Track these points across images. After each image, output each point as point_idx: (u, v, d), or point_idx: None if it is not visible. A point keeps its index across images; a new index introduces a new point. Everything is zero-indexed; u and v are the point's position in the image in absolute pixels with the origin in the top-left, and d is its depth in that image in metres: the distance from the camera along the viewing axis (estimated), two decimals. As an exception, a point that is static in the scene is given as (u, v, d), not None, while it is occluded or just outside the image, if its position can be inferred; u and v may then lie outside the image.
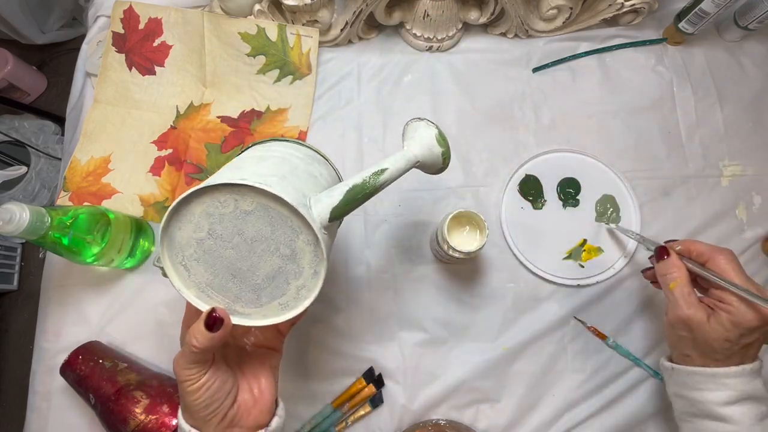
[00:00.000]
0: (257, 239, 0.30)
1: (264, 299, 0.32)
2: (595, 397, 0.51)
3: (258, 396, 0.35)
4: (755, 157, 0.59)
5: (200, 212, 0.29)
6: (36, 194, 1.24)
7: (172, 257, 0.31)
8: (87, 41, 0.65)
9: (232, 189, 0.28)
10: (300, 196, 0.30)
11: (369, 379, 0.51)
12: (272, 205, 0.29)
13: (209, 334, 0.30)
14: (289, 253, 0.30)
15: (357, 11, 0.56)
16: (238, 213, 0.29)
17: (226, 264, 0.31)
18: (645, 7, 0.59)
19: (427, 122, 0.36)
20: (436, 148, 0.35)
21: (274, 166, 0.33)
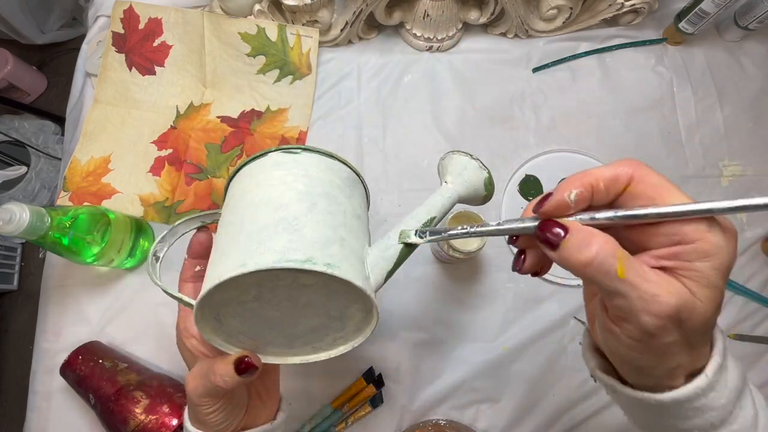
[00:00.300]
0: (308, 305, 0.28)
1: (297, 344, 0.31)
2: (595, 397, 0.51)
3: (266, 399, 0.35)
4: (755, 157, 0.59)
5: (251, 283, 0.26)
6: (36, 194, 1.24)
7: (205, 313, 0.27)
8: (87, 41, 0.65)
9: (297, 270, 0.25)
10: (361, 266, 0.27)
11: (369, 379, 0.51)
12: (334, 282, 0.26)
13: (238, 377, 0.28)
14: (337, 315, 0.29)
15: (357, 11, 0.56)
16: (295, 285, 0.26)
17: (266, 320, 0.29)
18: (645, 7, 0.59)
19: (479, 164, 0.33)
20: (482, 191, 0.34)
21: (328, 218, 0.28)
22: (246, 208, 0.29)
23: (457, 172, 0.34)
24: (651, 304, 0.19)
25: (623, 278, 0.19)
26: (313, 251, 0.25)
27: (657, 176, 0.21)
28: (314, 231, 0.27)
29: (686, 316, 0.19)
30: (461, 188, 0.33)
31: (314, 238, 0.26)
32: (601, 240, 0.19)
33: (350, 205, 0.31)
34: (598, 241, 0.19)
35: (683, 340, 0.20)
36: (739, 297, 0.54)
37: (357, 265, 0.27)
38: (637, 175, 0.20)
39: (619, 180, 0.20)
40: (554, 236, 0.20)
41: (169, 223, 0.57)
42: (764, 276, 0.55)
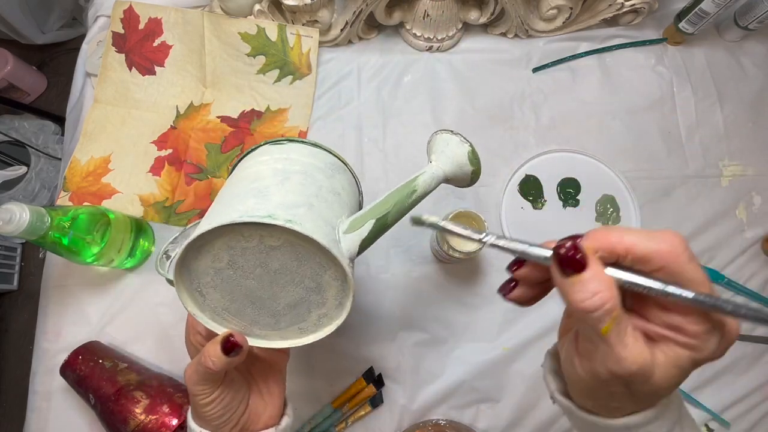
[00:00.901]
0: (281, 272, 0.28)
1: (283, 324, 0.31)
2: (595, 397, 0.51)
3: (268, 399, 0.35)
4: (755, 157, 0.59)
5: (220, 244, 0.27)
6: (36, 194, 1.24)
7: (187, 284, 0.29)
8: (87, 41, 0.65)
9: (258, 225, 0.26)
10: (329, 229, 0.28)
11: (369, 379, 0.51)
12: (301, 242, 0.27)
13: (225, 358, 0.29)
14: (314, 286, 0.29)
15: (357, 11, 0.56)
16: (263, 248, 0.27)
17: (245, 292, 0.29)
18: (645, 7, 0.59)
19: (460, 138, 0.33)
20: (468, 166, 0.34)
21: (299, 188, 0.30)
22: (228, 187, 0.32)
23: (440, 150, 0.34)
24: (611, 362, 0.20)
25: (604, 335, 0.20)
26: (275, 210, 0.26)
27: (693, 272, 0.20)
28: (282, 197, 0.29)
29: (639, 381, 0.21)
30: (445, 165, 0.33)
31: (280, 201, 0.28)
32: (607, 296, 0.19)
33: (329, 183, 0.32)
34: (604, 296, 0.19)
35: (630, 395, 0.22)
36: (739, 297, 0.54)
37: (324, 228, 0.27)
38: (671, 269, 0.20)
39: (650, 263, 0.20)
40: (571, 265, 0.20)
41: (169, 224, 0.57)
42: (764, 276, 0.55)
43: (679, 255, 0.19)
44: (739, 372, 0.53)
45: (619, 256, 0.20)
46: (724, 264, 0.55)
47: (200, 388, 0.30)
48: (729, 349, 0.21)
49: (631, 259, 0.20)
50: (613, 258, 0.21)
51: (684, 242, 0.20)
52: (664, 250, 0.20)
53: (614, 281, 0.20)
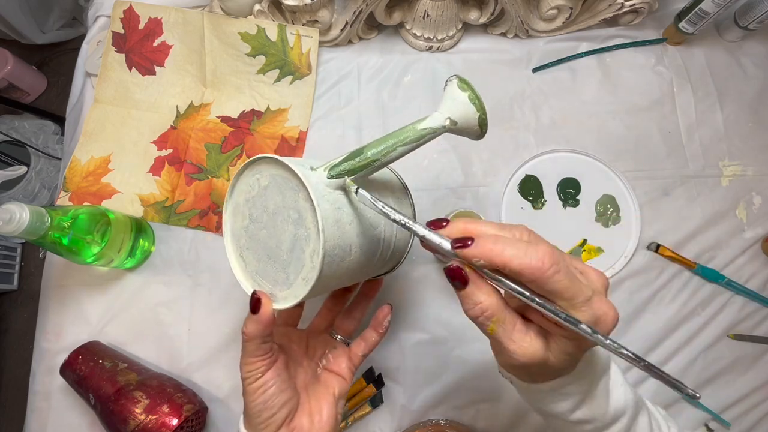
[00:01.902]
0: (276, 211, 0.31)
1: (291, 276, 0.32)
2: (595, 397, 0.51)
3: (317, 423, 0.34)
4: (755, 157, 0.59)
5: (243, 201, 0.33)
6: (36, 194, 1.24)
7: (235, 250, 0.34)
8: (87, 41, 0.65)
9: (252, 168, 0.32)
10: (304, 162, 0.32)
11: (369, 379, 0.51)
12: (278, 172, 0.31)
13: (254, 316, 0.31)
14: (297, 216, 0.30)
15: (357, 11, 0.56)
16: (260, 191, 0.32)
17: (263, 245, 0.32)
18: (645, 7, 0.59)
19: (459, 81, 0.33)
20: (470, 107, 0.33)
21: None
22: None
23: (443, 97, 0.34)
24: (506, 356, 0.26)
25: (491, 334, 0.25)
26: None
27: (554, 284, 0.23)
28: None
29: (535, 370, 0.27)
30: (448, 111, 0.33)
31: None
32: (485, 305, 0.25)
33: None
34: (483, 306, 0.25)
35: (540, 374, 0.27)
36: (739, 297, 0.54)
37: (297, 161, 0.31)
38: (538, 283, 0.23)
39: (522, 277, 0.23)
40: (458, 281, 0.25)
41: (169, 224, 0.57)
42: (764, 276, 0.55)
43: (545, 271, 0.23)
44: (739, 372, 0.53)
45: (498, 267, 0.24)
46: (724, 264, 0.55)
47: (248, 368, 0.31)
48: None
49: (508, 272, 0.23)
50: (493, 267, 0.24)
51: (552, 257, 0.23)
52: (533, 266, 0.23)
53: (494, 291, 0.25)
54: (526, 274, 0.23)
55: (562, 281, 0.23)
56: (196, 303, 0.54)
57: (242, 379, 0.32)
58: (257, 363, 0.31)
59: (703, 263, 0.55)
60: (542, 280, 0.23)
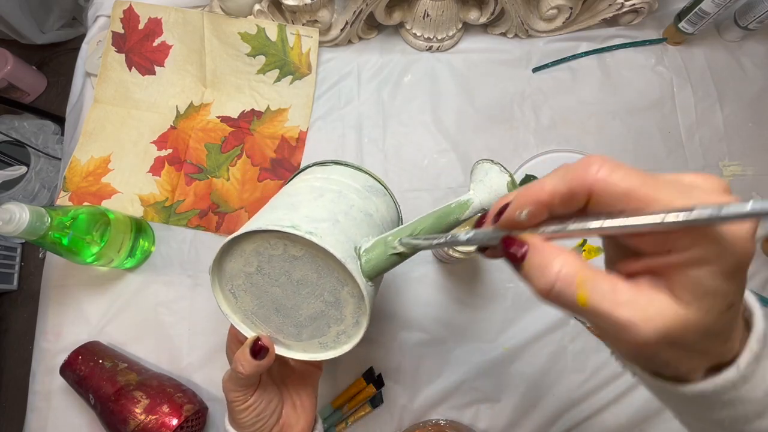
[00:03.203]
0: (303, 282, 0.30)
1: (305, 336, 0.32)
2: (595, 397, 0.51)
3: (301, 412, 0.36)
4: (755, 157, 0.59)
5: (251, 250, 0.30)
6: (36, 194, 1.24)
7: (222, 285, 0.32)
8: (87, 41, 0.65)
9: (283, 234, 0.28)
10: (350, 246, 0.29)
11: (369, 379, 0.51)
12: (320, 255, 0.28)
13: (254, 361, 0.30)
14: (333, 300, 0.30)
15: (357, 11, 0.56)
16: (287, 257, 0.29)
17: (272, 299, 0.31)
18: (645, 7, 0.59)
19: (500, 168, 0.33)
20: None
21: (329, 205, 0.32)
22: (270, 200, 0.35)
23: (479, 179, 0.34)
24: (626, 333, 0.16)
25: (585, 306, 0.16)
26: (300, 221, 0.28)
27: (624, 182, 0.16)
28: (309, 210, 0.30)
29: (678, 336, 0.16)
30: (482, 194, 0.33)
31: (306, 214, 0.30)
32: (560, 263, 0.16)
33: (362, 203, 0.33)
34: (557, 264, 0.16)
35: (685, 353, 0.18)
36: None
37: (345, 244, 0.29)
38: (598, 188, 0.16)
39: (575, 198, 0.17)
40: (514, 256, 0.18)
41: (169, 224, 0.57)
42: (764, 276, 0.55)
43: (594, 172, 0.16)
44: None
45: (549, 204, 0.17)
46: (724, 264, 0.55)
47: (235, 394, 0.32)
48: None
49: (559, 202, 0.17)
50: (544, 210, 0.18)
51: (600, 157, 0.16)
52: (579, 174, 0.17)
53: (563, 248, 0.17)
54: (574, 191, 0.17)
55: (628, 177, 0.16)
56: (196, 303, 0.54)
57: (229, 401, 0.33)
58: (246, 389, 0.32)
59: (703, 263, 0.55)
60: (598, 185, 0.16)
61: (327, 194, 0.33)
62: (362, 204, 0.34)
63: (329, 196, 0.33)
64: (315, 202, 0.32)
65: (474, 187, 0.34)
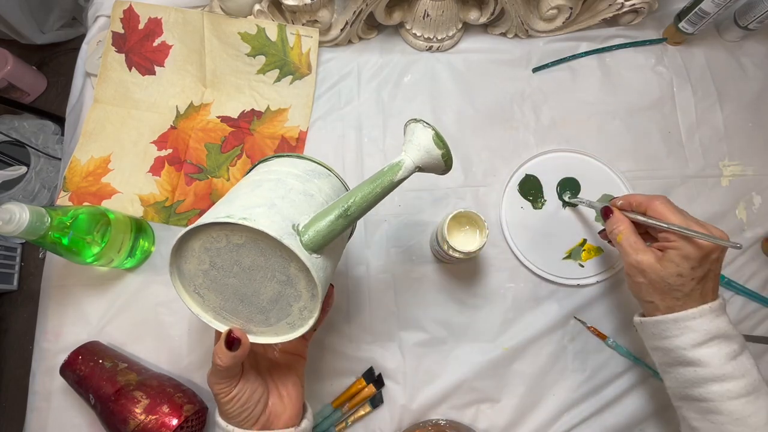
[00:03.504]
0: (254, 268, 0.31)
1: (272, 320, 0.33)
2: (595, 397, 0.51)
3: (287, 401, 0.37)
4: (755, 157, 0.59)
5: (199, 247, 0.31)
6: (36, 194, 1.24)
7: (186, 287, 0.33)
8: (87, 41, 0.65)
9: (221, 225, 0.30)
10: (287, 225, 0.30)
11: (369, 379, 0.51)
12: (260, 237, 0.29)
13: (230, 353, 0.32)
14: (285, 279, 0.31)
15: (357, 11, 0.56)
16: (232, 246, 0.30)
17: (232, 290, 0.32)
18: (645, 7, 0.59)
19: (423, 124, 0.34)
20: (435, 150, 0.34)
21: (266, 192, 0.33)
22: None
23: (408, 139, 0.35)
24: (625, 256, 0.41)
25: (619, 242, 0.42)
26: (235, 211, 0.30)
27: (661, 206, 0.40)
28: (245, 200, 0.32)
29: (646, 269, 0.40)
30: (414, 154, 0.34)
31: (242, 203, 0.31)
32: (617, 226, 0.43)
33: (302, 186, 0.35)
34: (615, 226, 0.43)
35: (649, 284, 0.40)
36: (739, 297, 0.54)
37: (280, 223, 0.30)
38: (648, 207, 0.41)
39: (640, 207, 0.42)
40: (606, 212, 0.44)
41: (169, 224, 0.57)
42: (764, 276, 0.55)
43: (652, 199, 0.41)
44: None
45: (632, 206, 0.43)
46: (724, 264, 0.54)
47: (219, 387, 0.34)
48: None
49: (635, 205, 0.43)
50: (631, 208, 0.43)
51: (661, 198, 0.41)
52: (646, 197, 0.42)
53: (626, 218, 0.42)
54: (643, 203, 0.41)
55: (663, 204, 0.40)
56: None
57: (215, 394, 0.34)
58: (229, 381, 0.34)
59: (703, 263, 0.55)
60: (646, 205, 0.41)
61: (265, 184, 0.34)
62: (302, 187, 0.34)
63: (267, 185, 0.34)
64: (252, 192, 0.33)
65: (405, 148, 0.35)
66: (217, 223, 0.29)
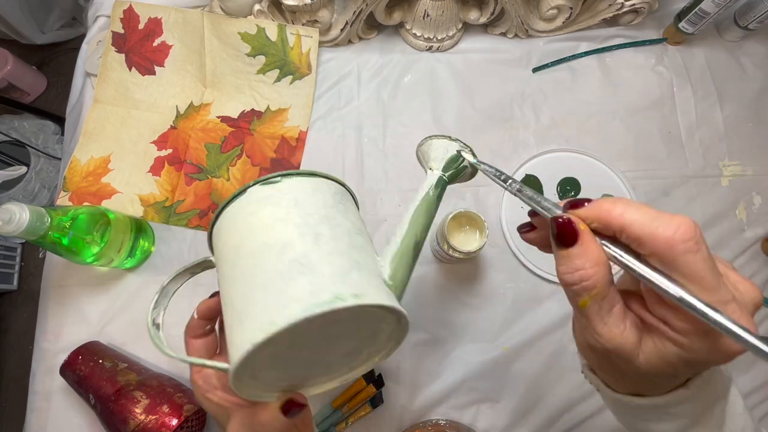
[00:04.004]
0: (341, 335, 0.27)
1: (334, 369, 0.30)
2: (595, 397, 0.51)
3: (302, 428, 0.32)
4: (755, 157, 0.59)
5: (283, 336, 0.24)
6: (36, 194, 1.24)
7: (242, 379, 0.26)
8: (87, 41, 0.65)
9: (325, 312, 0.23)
10: (380, 281, 0.26)
11: (369, 379, 0.51)
12: (365, 309, 0.25)
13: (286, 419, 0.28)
14: (369, 334, 0.28)
15: (357, 11, 0.56)
16: (325, 324, 0.25)
17: (301, 361, 0.28)
18: (645, 7, 0.59)
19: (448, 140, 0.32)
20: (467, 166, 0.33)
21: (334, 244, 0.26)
22: (249, 259, 0.26)
23: (440, 157, 0.33)
24: (589, 334, 0.21)
25: (582, 308, 0.20)
26: (336, 287, 0.24)
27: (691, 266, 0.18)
28: (329, 264, 0.25)
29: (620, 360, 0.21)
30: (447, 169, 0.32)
31: (331, 271, 0.25)
32: (588, 274, 0.20)
33: (349, 221, 0.29)
34: (584, 274, 0.20)
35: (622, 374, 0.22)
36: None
37: (379, 284, 0.26)
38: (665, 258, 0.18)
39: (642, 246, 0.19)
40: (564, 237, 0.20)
41: (168, 224, 0.57)
42: (764, 276, 0.55)
43: (677, 244, 0.18)
44: (739, 372, 0.53)
45: (615, 231, 0.20)
46: (724, 264, 0.55)
47: None
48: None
49: (626, 238, 0.19)
50: (609, 232, 0.20)
51: (691, 230, 0.18)
52: (660, 235, 0.18)
53: (605, 260, 0.20)
54: (650, 244, 0.18)
55: (698, 264, 0.18)
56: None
57: None
58: None
59: (703, 263, 0.55)
60: (671, 255, 0.18)
61: (321, 230, 0.27)
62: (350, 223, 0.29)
63: (324, 232, 0.27)
64: (319, 246, 0.26)
65: (436, 165, 0.33)
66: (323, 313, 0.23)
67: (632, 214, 0.19)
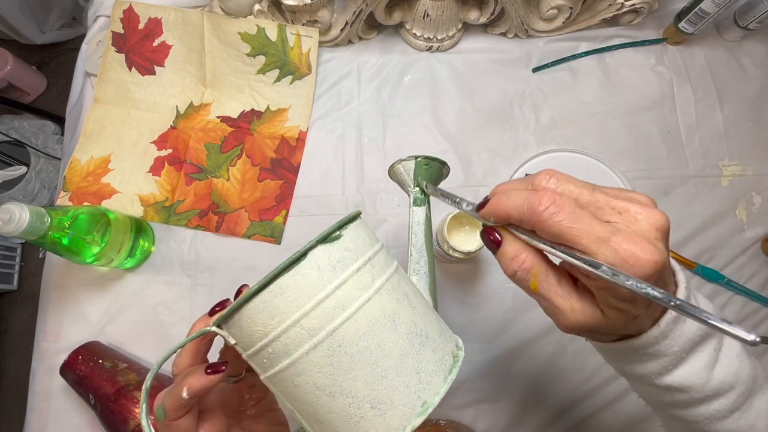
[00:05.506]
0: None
1: None
2: (595, 397, 0.51)
3: None
4: (755, 157, 0.59)
5: None
6: (36, 194, 1.24)
7: None
8: (87, 41, 0.65)
9: None
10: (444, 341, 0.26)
11: (369, 379, 0.51)
12: None
13: None
14: None
15: (357, 11, 0.56)
16: None
17: None
18: (645, 7, 0.59)
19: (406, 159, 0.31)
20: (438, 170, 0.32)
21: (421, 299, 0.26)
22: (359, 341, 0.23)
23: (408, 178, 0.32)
24: (560, 317, 0.23)
25: (535, 291, 0.23)
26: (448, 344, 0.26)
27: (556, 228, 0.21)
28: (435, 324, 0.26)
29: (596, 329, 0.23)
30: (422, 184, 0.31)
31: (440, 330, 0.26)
32: (521, 259, 0.23)
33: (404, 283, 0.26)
34: (518, 259, 0.23)
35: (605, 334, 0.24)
36: (739, 297, 0.54)
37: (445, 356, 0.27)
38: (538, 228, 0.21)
39: (525, 224, 0.22)
40: (491, 242, 0.24)
41: (168, 224, 0.57)
42: (764, 276, 0.55)
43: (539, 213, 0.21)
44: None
45: (505, 221, 0.23)
46: (724, 264, 0.55)
47: None
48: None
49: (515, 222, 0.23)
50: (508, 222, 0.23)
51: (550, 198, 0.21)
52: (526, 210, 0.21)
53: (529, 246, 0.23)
54: (523, 220, 0.22)
55: (562, 222, 0.20)
56: (196, 303, 0.54)
57: None
58: None
59: (703, 263, 0.55)
60: (539, 224, 0.21)
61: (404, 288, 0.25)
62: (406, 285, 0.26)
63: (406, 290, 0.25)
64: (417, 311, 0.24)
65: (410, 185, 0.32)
66: None
67: (512, 200, 0.22)
